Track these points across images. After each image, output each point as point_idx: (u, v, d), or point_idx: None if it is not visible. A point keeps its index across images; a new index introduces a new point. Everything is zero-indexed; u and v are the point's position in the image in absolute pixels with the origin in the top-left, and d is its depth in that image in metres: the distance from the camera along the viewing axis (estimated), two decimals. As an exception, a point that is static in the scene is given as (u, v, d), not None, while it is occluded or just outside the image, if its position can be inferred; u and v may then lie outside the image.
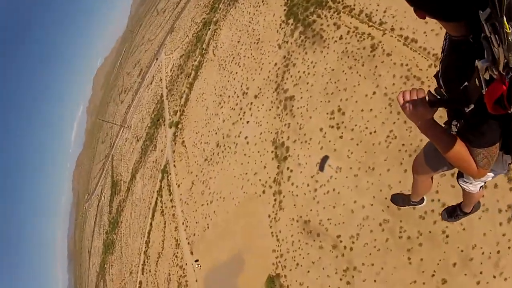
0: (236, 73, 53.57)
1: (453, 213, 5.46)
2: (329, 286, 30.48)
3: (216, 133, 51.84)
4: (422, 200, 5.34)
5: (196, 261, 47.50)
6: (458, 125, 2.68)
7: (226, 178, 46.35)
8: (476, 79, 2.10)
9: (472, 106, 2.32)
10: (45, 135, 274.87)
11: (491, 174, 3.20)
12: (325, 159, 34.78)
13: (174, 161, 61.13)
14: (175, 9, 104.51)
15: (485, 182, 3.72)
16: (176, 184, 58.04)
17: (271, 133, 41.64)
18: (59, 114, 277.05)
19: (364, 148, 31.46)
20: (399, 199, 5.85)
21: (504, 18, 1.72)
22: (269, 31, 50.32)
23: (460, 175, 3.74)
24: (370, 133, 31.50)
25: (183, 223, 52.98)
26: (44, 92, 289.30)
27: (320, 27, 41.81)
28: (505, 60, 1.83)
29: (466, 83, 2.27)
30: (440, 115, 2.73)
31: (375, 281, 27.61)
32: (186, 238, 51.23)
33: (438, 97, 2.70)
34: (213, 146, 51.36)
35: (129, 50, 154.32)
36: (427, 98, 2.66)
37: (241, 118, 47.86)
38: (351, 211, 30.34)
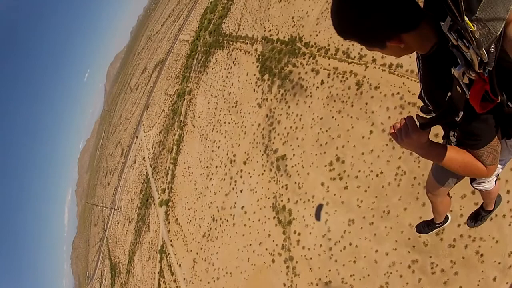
0: (219, 141, 50.05)
1: (477, 216, 5.21)
2: None
3: (209, 207, 47.67)
4: (447, 218, 4.99)
5: None
6: (456, 134, 2.60)
7: (229, 253, 41.97)
8: (457, 87, 2.13)
9: (462, 113, 2.27)
10: (38, 221, 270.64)
11: (502, 164, 3.01)
12: (319, 207, 32.13)
13: (171, 241, 56.53)
14: (147, 84, 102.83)
15: (498, 175, 3.38)
16: (177, 263, 53.20)
17: (268, 198, 37.78)
18: (49, 199, 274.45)
19: (374, 193, 28.04)
20: (424, 227, 5.46)
21: (466, 19, 1.79)
22: (245, 92, 47.43)
23: (472, 180, 3.57)
24: (377, 175, 28.18)
25: (192, 304, 47.89)
26: (32, 179, 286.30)
27: (298, 77, 39.10)
28: (479, 58, 1.87)
29: (449, 94, 2.26)
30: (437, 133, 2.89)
31: (417, 325, 24.05)
32: (199, 319, 46.12)
33: (428, 117, 2.58)
34: (209, 221, 47.07)
35: (109, 130, 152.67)
36: (417, 122, 2.51)
37: (233, 188, 43.92)
38: (374, 262, 26.62)
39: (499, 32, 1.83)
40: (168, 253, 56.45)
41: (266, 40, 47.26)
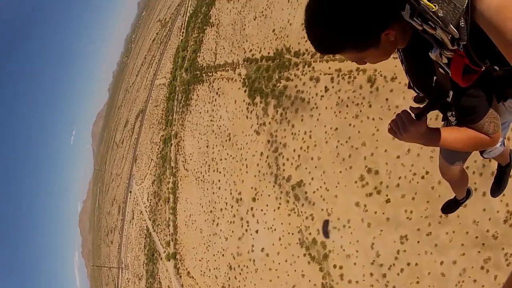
0: (219, 181, 42.90)
1: (500, 177, 4.53)
2: None
3: (223, 255, 40.16)
4: (469, 192, 4.66)
5: None
6: (453, 113, 2.48)
7: (257, 303, 34.58)
8: (440, 69, 2.11)
9: (451, 92, 2.25)
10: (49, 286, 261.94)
11: (505, 127, 2.94)
12: (326, 223, 27.70)
13: (187, 297, 48.71)
14: (131, 136, 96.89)
15: (505, 137, 3.25)
16: (200, 321, 45.33)
17: (292, 234, 30.65)
18: (58, 266, 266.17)
19: (424, 198, 22.15)
20: (449, 207, 5.11)
21: (424, 1, 1.74)
22: (237, 121, 40.77)
23: (481, 151, 3.36)
24: (422, 177, 22.30)
25: None
26: (36, 247, 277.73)
27: (295, 90, 32.82)
28: (449, 36, 1.81)
29: (435, 78, 2.26)
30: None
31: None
32: None
33: (421, 106, 2.53)
34: (225, 270, 39.49)
35: (103, 189, 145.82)
36: (412, 114, 2.47)
37: (246, 230, 36.58)
38: (441, 276, 21.11)
39: (465, 5, 1.71)
40: (187, 310, 48.62)
41: (249, 61, 41.03)
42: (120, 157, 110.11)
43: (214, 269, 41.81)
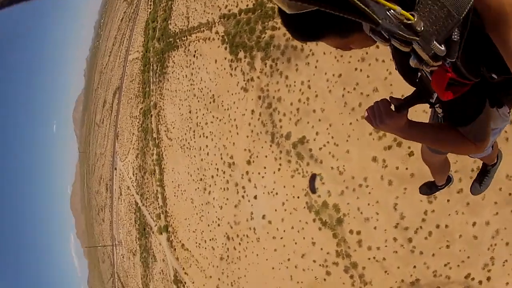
0: (206, 146, 36.72)
1: (482, 176, 4.12)
2: None
3: (219, 225, 34.49)
4: (449, 179, 4.18)
5: None
6: (440, 104, 1.92)
7: (262, 273, 29.33)
8: (422, 71, 1.69)
9: (436, 94, 1.81)
10: (50, 274, 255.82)
11: (496, 133, 2.37)
12: (313, 177, 23.53)
13: (183, 269, 43.35)
14: (111, 114, 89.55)
15: (493, 141, 2.73)
16: (199, 293, 40.03)
17: (298, 197, 25.19)
18: (54, 249, 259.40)
19: None
20: (427, 189, 4.48)
21: (399, 10, 1.14)
22: (220, 81, 34.52)
23: None
24: None
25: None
26: (33, 233, 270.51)
27: (285, 39, 26.70)
28: (432, 52, 1.31)
29: (419, 74, 1.79)
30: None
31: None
32: None
33: (402, 98, 2.00)
34: (223, 241, 33.98)
35: (89, 170, 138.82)
36: (392, 106, 1.97)
37: (243, 197, 30.87)
38: (473, 238, 17.72)
39: (464, 14, 1.18)
40: (185, 282, 43.20)
41: (226, 17, 34.50)
42: (102, 136, 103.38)
43: (210, 240, 36.29)
